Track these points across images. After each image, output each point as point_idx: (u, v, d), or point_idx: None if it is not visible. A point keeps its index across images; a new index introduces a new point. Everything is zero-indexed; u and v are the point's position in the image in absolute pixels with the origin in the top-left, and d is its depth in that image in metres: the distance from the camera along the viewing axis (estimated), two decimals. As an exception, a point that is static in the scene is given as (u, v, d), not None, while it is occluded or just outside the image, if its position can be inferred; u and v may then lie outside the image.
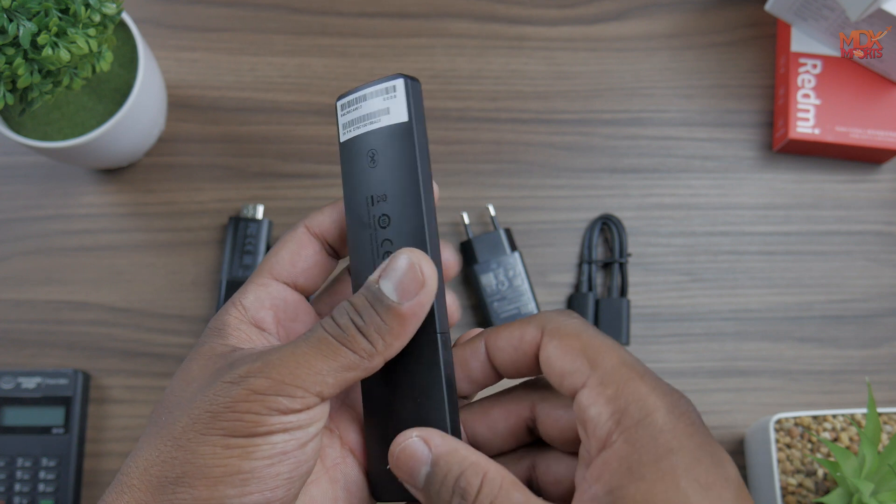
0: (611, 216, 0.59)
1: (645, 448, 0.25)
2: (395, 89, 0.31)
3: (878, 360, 0.58)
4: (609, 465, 0.25)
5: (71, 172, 0.59)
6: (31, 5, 0.41)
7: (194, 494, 0.26)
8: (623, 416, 0.26)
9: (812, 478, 0.50)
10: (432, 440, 0.28)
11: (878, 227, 0.60)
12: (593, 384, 0.27)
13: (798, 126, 0.58)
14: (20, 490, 0.53)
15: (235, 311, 0.30)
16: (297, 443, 0.27)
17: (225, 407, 0.27)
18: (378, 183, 0.31)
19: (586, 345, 0.28)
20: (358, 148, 0.31)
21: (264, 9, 0.62)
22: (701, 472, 0.25)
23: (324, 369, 0.27)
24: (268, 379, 0.27)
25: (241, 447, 0.26)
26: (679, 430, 0.25)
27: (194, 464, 0.26)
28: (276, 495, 0.27)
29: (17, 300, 0.57)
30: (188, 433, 0.27)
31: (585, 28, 0.62)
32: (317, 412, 0.28)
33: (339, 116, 0.32)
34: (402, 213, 0.30)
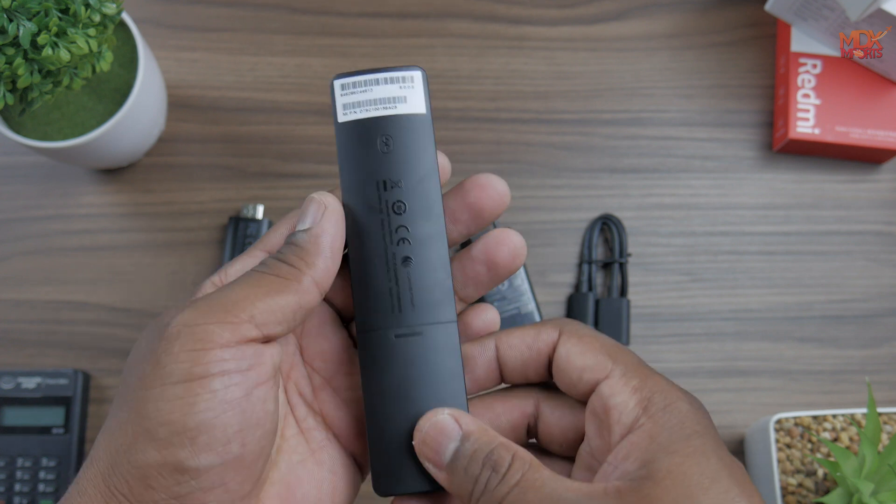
0: (611, 216, 0.59)
1: (674, 429, 0.26)
2: (412, 80, 0.31)
3: (878, 360, 0.58)
4: (638, 444, 0.26)
5: (71, 172, 0.59)
6: (31, 5, 0.41)
7: (146, 459, 0.26)
8: (649, 404, 0.27)
9: (812, 478, 0.50)
10: (462, 418, 0.29)
11: (878, 227, 0.60)
12: (617, 375, 0.28)
13: (798, 126, 0.58)
14: (20, 490, 0.53)
15: (216, 277, 0.30)
16: (240, 390, 0.26)
17: (163, 350, 0.26)
18: (392, 169, 0.31)
19: (605, 344, 0.29)
20: (366, 131, 0.31)
21: (264, 9, 0.62)
22: (724, 454, 0.26)
23: (251, 295, 0.27)
24: (197, 310, 0.27)
25: (181, 398, 0.26)
26: (700, 418, 0.27)
27: (142, 425, 0.26)
28: (230, 452, 0.26)
29: (17, 300, 0.57)
30: (136, 391, 0.26)
31: (585, 28, 0.62)
32: (258, 353, 0.27)
33: (338, 96, 0.31)
34: (419, 202, 0.31)
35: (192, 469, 0.26)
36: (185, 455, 0.26)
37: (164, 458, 0.26)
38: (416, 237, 0.31)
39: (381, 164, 0.31)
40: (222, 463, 0.26)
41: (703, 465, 0.25)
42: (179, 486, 0.26)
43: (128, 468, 0.26)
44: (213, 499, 0.26)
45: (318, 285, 0.29)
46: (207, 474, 0.26)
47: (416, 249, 0.31)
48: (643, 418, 0.27)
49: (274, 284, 0.28)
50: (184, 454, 0.26)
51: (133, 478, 0.26)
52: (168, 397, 0.26)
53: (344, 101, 0.31)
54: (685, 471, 0.25)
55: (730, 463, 0.26)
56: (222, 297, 0.27)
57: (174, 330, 0.27)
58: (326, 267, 0.29)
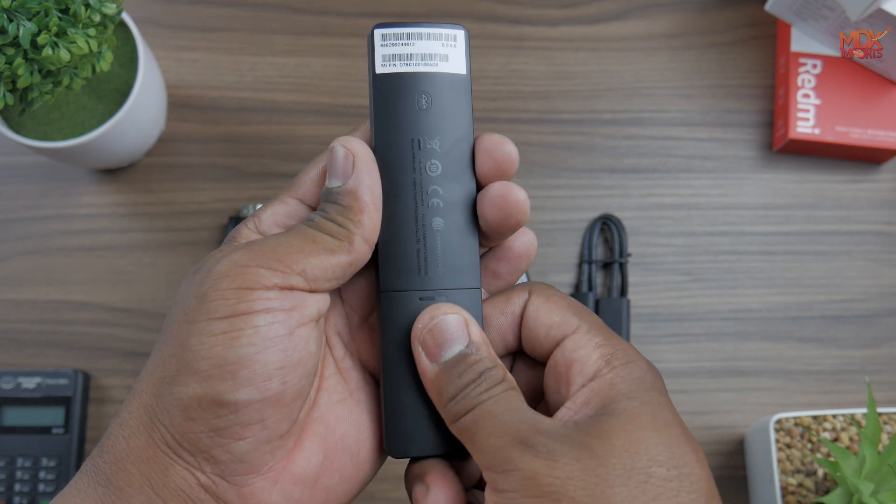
0: (611, 216, 0.59)
1: (634, 381, 0.27)
2: (455, 38, 0.31)
3: (878, 360, 0.58)
4: (599, 391, 0.27)
5: (71, 172, 0.59)
6: (31, 5, 0.41)
7: (188, 392, 0.26)
8: (612, 358, 0.28)
9: (812, 478, 0.50)
10: (472, 326, 0.29)
11: (878, 227, 0.60)
12: (582, 332, 0.29)
13: (798, 126, 0.58)
14: (20, 490, 0.53)
15: (251, 223, 0.30)
16: (283, 328, 0.27)
17: (209, 286, 0.27)
18: (429, 128, 0.30)
19: (572, 304, 0.30)
20: (405, 85, 0.30)
21: (264, 9, 0.62)
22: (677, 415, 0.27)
23: (305, 249, 0.28)
24: (249, 253, 0.27)
25: (225, 332, 0.26)
26: (658, 380, 0.28)
27: (184, 358, 0.26)
28: (270, 388, 0.26)
29: (17, 300, 0.57)
30: (181, 326, 0.27)
31: (585, 28, 0.62)
32: (303, 297, 0.27)
33: (378, 46, 0.30)
34: (453, 164, 0.30)
35: (231, 403, 0.26)
36: (226, 388, 0.26)
37: (204, 391, 0.26)
38: (447, 199, 0.30)
39: (418, 122, 0.30)
40: (262, 399, 0.26)
41: (657, 411, 0.26)
42: (219, 420, 0.26)
43: (170, 400, 0.26)
44: (250, 434, 0.27)
45: (367, 242, 0.29)
46: (246, 409, 0.26)
47: (446, 212, 0.30)
48: (605, 369, 0.28)
49: (326, 243, 0.28)
50: (224, 387, 0.26)
51: (174, 409, 0.26)
52: (212, 331, 0.26)
53: (384, 52, 0.30)
54: (640, 412, 0.26)
55: (682, 421, 0.27)
56: (276, 245, 0.28)
57: (223, 268, 0.27)
58: (373, 221, 0.29)
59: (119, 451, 0.27)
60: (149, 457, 0.27)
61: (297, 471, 0.28)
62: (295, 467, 0.28)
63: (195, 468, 0.27)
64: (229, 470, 0.27)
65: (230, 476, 0.27)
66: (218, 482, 0.27)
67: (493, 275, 0.32)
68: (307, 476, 0.28)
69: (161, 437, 0.27)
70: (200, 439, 0.26)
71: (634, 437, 0.25)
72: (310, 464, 0.29)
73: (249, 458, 0.27)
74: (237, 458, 0.27)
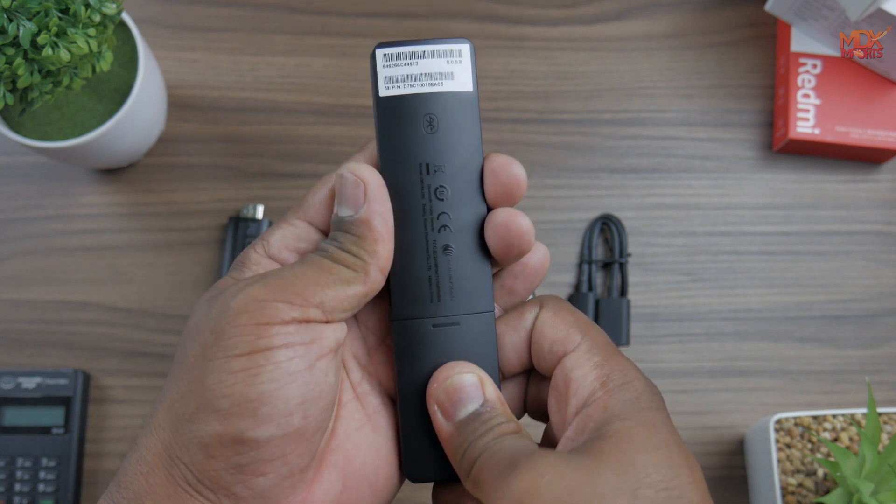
0: (611, 216, 0.59)
1: (627, 402, 0.27)
2: (460, 53, 0.30)
3: (878, 360, 0.58)
4: (592, 416, 0.27)
5: (71, 172, 0.59)
6: (31, 5, 0.41)
7: (208, 430, 0.26)
8: (607, 380, 0.27)
9: (812, 478, 0.50)
10: (487, 385, 0.29)
11: (878, 227, 0.60)
12: (582, 350, 0.29)
13: (798, 126, 0.58)
14: (20, 490, 0.53)
15: (259, 247, 0.30)
16: (304, 362, 0.27)
17: (226, 322, 0.26)
18: (437, 151, 0.30)
19: (579, 320, 0.30)
20: (410, 108, 0.30)
21: (264, 9, 0.62)
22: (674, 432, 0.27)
23: (321, 281, 0.27)
24: (265, 287, 0.27)
25: (245, 370, 0.26)
26: (655, 398, 0.28)
27: (204, 396, 0.26)
28: (292, 424, 0.26)
29: (17, 300, 0.57)
30: (198, 361, 0.27)
31: (585, 28, 0.62)
32: (321, 329, 0.27)
33: (381, 67, 0.30)
34: (461, 187, 0.30)
35: (252, 440, 0.26)
36: (247, 426, 0.26)
37: (225, 430, 0.26)
38: (456, 224, 0.30)
39: (425, 146, 0.30)
40: (283, 435, 0.26)
41: (650, 432, 0.26)
42: (240, 457, 0.26)
43: (189, 438, 0.26)
44: (272, 470, 0.26)
45: (382, 271, 0.29)
46: (268, 446, 0.26)
47: (456, 237, 0.30)
48: (599, 392, 0.27)
49: (342, 274, 0.28)
50: (245, 425, 0.26)
51: (194, 447, 0.26)
52: (231, 369, 0.26)
53: (387, 74, 0.30)
54: (633, 434, 0.26)
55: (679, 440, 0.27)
56: (292, 277, 0.28)
57: (240, 303, 0.27)
58: (387, 250, 0.29)
59: (138, 487, 0.27)
60: (168, 494, 0.26)
61: (316, 500, 0.28)
62: (315, 499, 0.28)
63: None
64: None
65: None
66: None
67: (508, 292, 0.32)
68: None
69: (181, 474, 0.26)
70: (221, 476, 0.26)
71: (624, 459, 0.25)
72: (328, 495, 0.28)
73: (270, 493, 0.27)
74: (258, 494, 0.27)
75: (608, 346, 0.29)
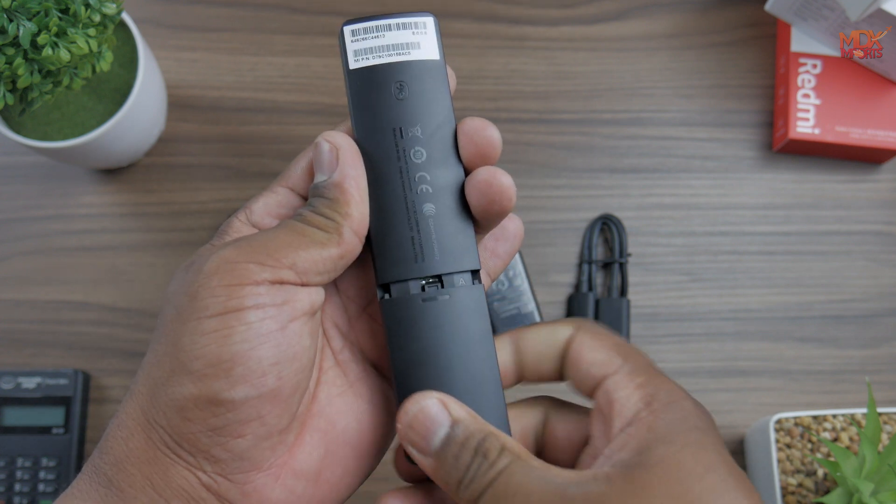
0: (611, 216, 0.59)
1: (674, 422, 0.26)
2: (425, 25, 0.31)
3: (878, 360, 0.58)
4: (636, 434, 0.26)
5: (71, 172, 0.59)
6: (31, 5, 0.41)
7: (183, 392, 0.26)
8: (652, 399, 0.27)
9: (812, 478, 0.50)
10: (449, 403, 0.28)
11: (878, 227, 0.60)
12: (624, 372, 0.28)
13: (798, 126, 0.58)
14: (20, 490, 0.53)
15: (242, 215, 0.30)
16: (275, 323, 0.27)
17: (199, 284, 0.26)
18: (409, 116, 0.30)
19: (618, 343, 0.29)
20: (379, 77, 0.30)
21: (264, 9, 0.62)
22: (724, 451, 0.26)
23: (294, 243, 0.28)
24: (238, 249, 0.27)
25: (217, 330, 0.26)
26: (703, 417, 0.26)
27: (178, 359, 0.26)
28: (266, 384, 0.26)
29: (17, 300, 0.57)
30: (173, 324, 0.27)
31: (585, 28, 0.62)
32: (294, 291, 0.27)
33: (349, 42, 0.30)
34: (437, 149, 0.30)
35: (227, 401, 0.26)
36: (221, 387, 0.26)
37: (199, 391, 0.26)
38: (436, 185, 0.30)
39: (397, 111, 0.30)
40: (258, 395, 0.26)
41: (699, 455, 0.25)
42: (216, 419, 0.26)
43: (165, 401, 0.26)
44: (249, 431, 0.26)
45: (357, 234, 0.29)
46: (243, 406, 0.26)
47: (436, 197, 0.30)
48: (644, 412, 0.26)
49: (316, 236, 0.28)
50: (219, 386, 0.26)
51: (171, 410, 0.26)
52: (204, 330, 0.26)
53: (355, 48, 0.30)
54: (680, 459, 0.24)
55: (730, 461, 0.25)
56: (265, 240, 0.28)
57: (213, 265, 0.27)
58: (361, 213, 0.29)
59: (119, 452, 0.27)
60: (149, 458, 0.27)
61: (299, 466, 0.28)
62: (296, 462, 0.28)
63: (196, 468, 0.27)
64: (230, 468, 0.27)
65: (231, 474, 0.27)
66: (220, 481, 0.27)
67: (491, 254, 0.32)
68: (309, 471, 0.28)
69: (160, 437, 0.27)
70: (199, 439, 0.26)
71: (675, 490, 0.24)
72: (311, 458, 0.29)
73: (250, 455, 0.27)
74: (237, 456, 0.27)
75: (650, 366, 0.28)
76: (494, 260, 0.32)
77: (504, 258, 0.32)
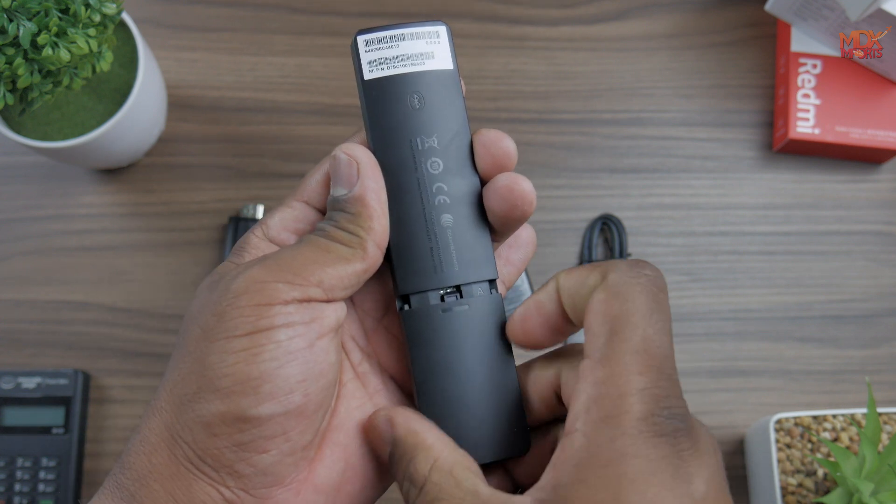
0: (611, 216, 0.59)
1: (599, 448, 0.23)
2: (438, 35, 0.31)
3: (878, 360, 0.58)
4: (562, 457, 0.24)
5: (71, 172, 0.59)
6: (31, 5, 0.41)
7: (210, 409, 0.26)
8: (595, 406, 0.24)
9: (812, 478, 0.50)
10: (396, 419, 0.28)
11: (878, 227, 0.60)
12: (595, 358, 0.25)
13: (798, 126, 0.58)
14: (20, 490, 0.53)
15: (258, 230, 0.30)
16: (304, 341, 0.27)
17: (227, 304, 0.27)
18: (425, 126, 0.30)
19: (626, 311, 0.25)
20: (395, 88, 0.30)
21: (264, 9, 0.62)
22: (651, 487, 0.23)
23: (319, 260, 0.28)
24: (265, 268, 0.27)
25: (246, 349, 0.26)
26: (644, 439, 0.23)
27: (205, 376, 0.26)
28: (292, 401, 0.26)
29: (17, 300, 0.57)
30: (199, 343, 0.27)
31: (585, 28, 0.62)
32: (321, 308, 0.27)
33: (363, 52, 0.30)
34: (454, 158, 0.30)
35: (254, 418, 0.26)
36: (248, 404, 0.26)
37: (227, 408, 0.26)
38: (453, 195, 0.30)
39: (414, 122, 0.30)
40: (284, 412, 0.26)
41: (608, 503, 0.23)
42: (242, 434, 0.26)
43: (192, 417, 0.26)
44: (273, 447, 0.27)
45: (379, 247, 0.29)
46: (269, 423, 0.26)
47: (454, 207, 0.30)
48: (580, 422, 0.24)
49: (340, 252, 0.28)
50: (246, 403, 0.26)
51: (197, 426, 0.26)
52: (232, 349, 0.26)
53: (370, 58, 0.30)
54: None
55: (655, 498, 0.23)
56: (290, 258, 0.28)
57: (241, 285, 0.27)
58: (383, 226, 0.29)
59: (141, 467, 0.27)
60: (171, 473, 0.27)
61: (320, 481, 0.28)
62: (317, 478, 0.28)
63: (219, 483, 0.27)
64: (253, 483, 0.27)
65: (254, 489, 0.27)
66: (242, 496, 0.27)
67: (506, 262, 0.32)
68: (330, 485, 0.28)
69: (183, 453, 0.27)
70: (223, 454, 0.26)
71: None
72: (332, 473, 0.29)
73: (273, 470, 0.27)
74: (261, 472, 0.27)
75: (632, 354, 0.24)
76: (509, 268, 0.33)
77: (518, 266, 0.33)
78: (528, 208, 0.30)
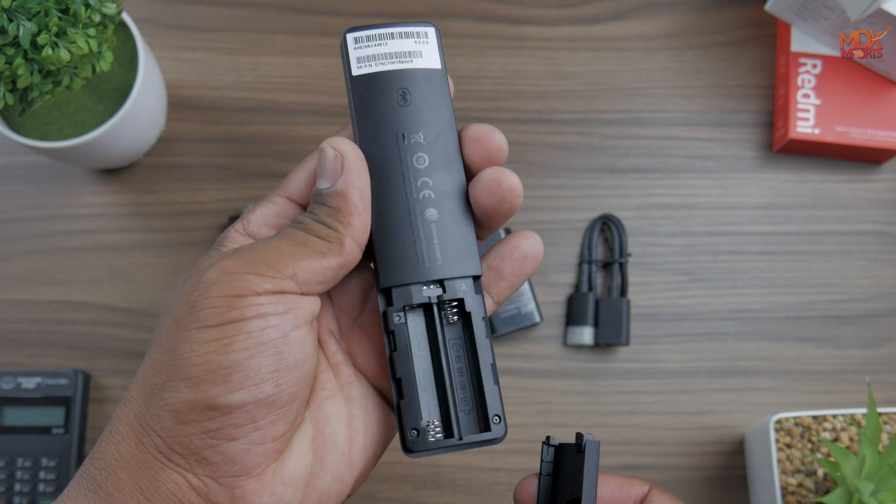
0: (611, 216, 0.59)
1: None
2: (426, 35, 0.31)
3: (878, 360, 0.58)
4: None
5: (71, 172, 0.59)
6: (31, 5, 0.41)
7: (180, 397, 0.26)
8: None
9: (812, 478, 0.50)
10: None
11: (878, 227, 0.60)
12: None
13: (798, 126, 0.58)
14: (20, 490, 0.53)
15: (239, 225, 0.30)
16: (277, 332, 0.27)
17: (198, 295, 0.27)
18: (412, 122, 0.30)
19: None
20: (382, 84, 0.31)
21: (264, 9, 0.62)
22: None
23: (294, 253, 0.28)
24: (238, 259, 0.27)
25: (216, 339, 0.26)
26: None
27: (175, 366, 0.26)
28: (263, 391, 0.26)
29: (17, 300, 0.57)
30: (171, 334, 0.27)
31: (585, 28, 0.62)
32: (295, 300, 0.27)
33: (352, 49, 0.31)
34: (439, 155, 0.30)
35: (223, 406, 0.26)
36: (218, 392, 0.26)
37: (196, 396, 0.26)
38: (438, 190, 0.30)
39: (400, 117, 0.30)
40: (255, 401, 0.26)
41: None
42: (211, 422, 0.26)
43: (161, 406, 0.26)
44: (242, 436, 0.27)
45: (357, 244, 0.29)
46: (239, 412, 0.26)
47: (439, 202, 0.30)
48: None
49: (317, 246, 0.28)
50: (216, 391, 0.26)
51: (166, 414, 0.26)
52: (202, 339, 0.26)
53: (358, 55, 0.31)
54: None
55: None
56: (266, 250, 0.28)
57: (213, 276, 0.27)
58: (363, 223, 0.29)
59: (109, 457, 0.27)
60: (139, 462, 0.27)
61: (287, 473, 0.28)
62: (285, 469, 0.28)
63: (186, 471, 0.27)
64: (221, 471, 0.27)
65: (222, 478, 0.27)
66: (209, 484, 0.27)
67: (496, 274, 0.31)
68: (298, 477, 0.28)
69: (152, 442, 0.27)
70: (192, 441, 0.26)
71: None
72: (299, 465, 0.28)
73: (241, 459, 0.27)
74: (229, 460, 0.27)
75: None
76: (498, 280, 0.32)
77: (510, 279, 0.32)
78: (517, 202, 0.30)
